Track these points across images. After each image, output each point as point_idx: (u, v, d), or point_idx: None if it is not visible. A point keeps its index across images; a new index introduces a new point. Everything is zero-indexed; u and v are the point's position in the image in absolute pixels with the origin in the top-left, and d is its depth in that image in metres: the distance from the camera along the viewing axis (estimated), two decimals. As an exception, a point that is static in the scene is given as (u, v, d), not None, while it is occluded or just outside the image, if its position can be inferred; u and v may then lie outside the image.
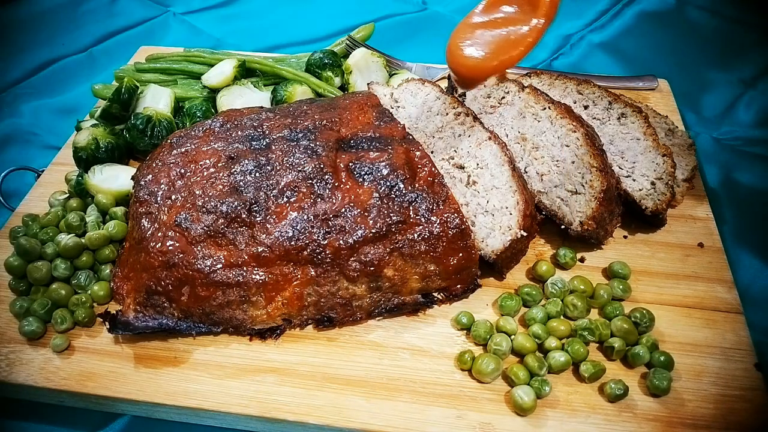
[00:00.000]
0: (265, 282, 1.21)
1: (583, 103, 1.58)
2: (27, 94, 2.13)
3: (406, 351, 1.25)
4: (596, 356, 1.24)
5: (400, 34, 2.35)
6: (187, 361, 1.23)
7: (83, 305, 1.29)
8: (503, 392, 1.18)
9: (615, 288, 1.32)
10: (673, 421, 1.14)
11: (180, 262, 1.20)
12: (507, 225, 1.29)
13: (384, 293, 1.26)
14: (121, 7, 2.55)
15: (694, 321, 1.30)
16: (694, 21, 2.39)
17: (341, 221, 1.23)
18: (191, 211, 1.25)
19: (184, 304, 1.21)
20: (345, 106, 1.47)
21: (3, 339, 1.27)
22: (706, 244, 1.45)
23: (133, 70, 1.91)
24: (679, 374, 1.20)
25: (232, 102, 1.75)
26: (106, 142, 1.58)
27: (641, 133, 1.47)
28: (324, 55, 1.85)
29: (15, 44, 2.34)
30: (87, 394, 1.19)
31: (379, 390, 1.19)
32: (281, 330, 1.27)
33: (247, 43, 2.34)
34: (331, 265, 1.22)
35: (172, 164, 1.35)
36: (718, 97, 2.07)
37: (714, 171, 1.79)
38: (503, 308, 1.29)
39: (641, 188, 1.41)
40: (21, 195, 1.61)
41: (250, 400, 1.17)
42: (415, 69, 2.00)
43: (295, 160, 1.31)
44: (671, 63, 2.19)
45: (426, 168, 1.30)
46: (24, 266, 1.31)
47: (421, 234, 1.23)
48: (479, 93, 1.61)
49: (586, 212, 1.34)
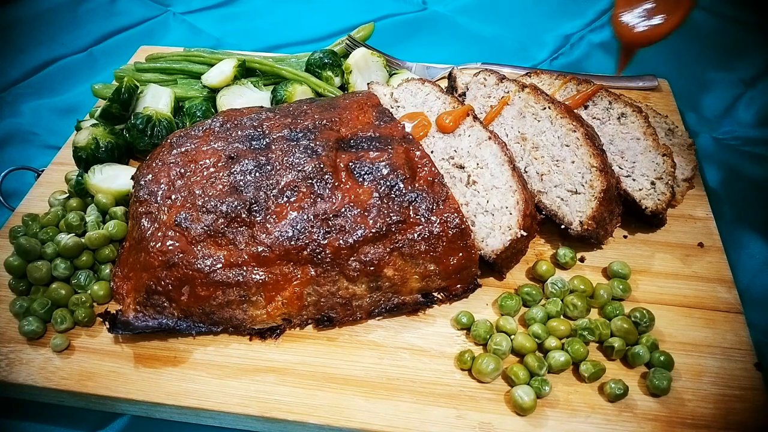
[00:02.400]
0: (265, 282, 1.21)
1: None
2: (27, 94, 2.13)
3: (406, 351, 1.25)
4: (596, 356, 1.24)
5: (400, 34, 2.35)
6: (187, 361, 1.23)
7: (83, 305, 1.29)
8: (503, 392, 1.18)
9: (615, 288, 1.32)
10: (673, 421, 1.14)
11: (180, 261, 1.20)
12: (507, 225, 1.29)
13: (384, 293, 1.26)
14: (121, 6, 2.55)
15: (694, 321, 1.30)
16: (694, 21, 2.38)
17: (341, 221, 1.23)
18: (191, 210, 1.25)
19: (184, 304, 1.21)
20: (345, 106, 1.47)
21: (3, 339, 1.27)
22: (706, 244, 1.45)
23: (133, 70, 1.91)
24: (679, 374, 1.20)
25: (232, 102, 1.75)
26: (106, 141, 1.58)
27: (641, 132, 1.47)
28: (324, 55, 1.85)
29: (15, 44, 2.34)
30: (87, 394, 1.19)
31: (378, 390, 1.19)
32: (281, 330, 1.27)
33: (247, 43, 2.34)
34: (331, 264, 1.22)
35: (172, 164, 1.35)
36: (718, 97, 2.07)
37: (714, 171, 1.79)
38: (503, 308, 1.29)
39: (641, 188, 1.41)
40: (21, 195, 1.61)
41: (250, 400, 1.17)
42: (415, 69, 2.00)
43: (295, 159, 1.31)
44: (671, 63, 2.18)
45: (426, 168, 1.30)
46: (24, 266, 1.31)
47: (421, 234, 1.23)
48: (479, 93, 1.61)
49: (586, 212, 1.34)
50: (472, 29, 2.42)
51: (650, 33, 1.25)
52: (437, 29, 2.41)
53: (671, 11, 1.21)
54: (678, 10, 1.21)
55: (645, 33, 1.24)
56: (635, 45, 1.32)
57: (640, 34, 1.25)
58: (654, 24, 1.23)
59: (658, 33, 1.24)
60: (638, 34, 1.26)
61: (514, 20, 2.44)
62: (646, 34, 1.25)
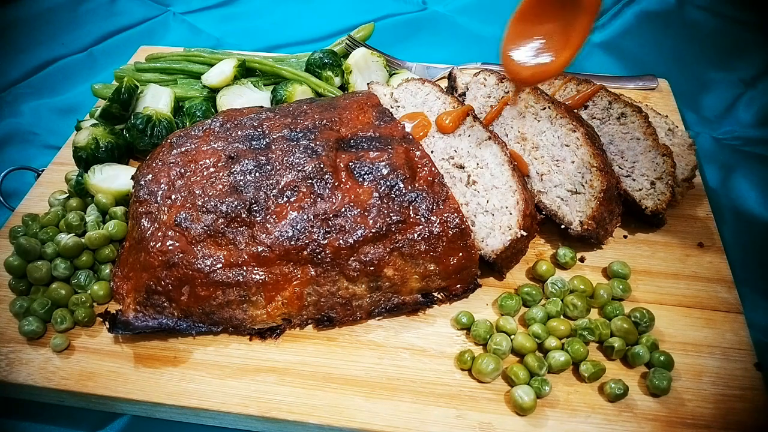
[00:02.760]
0: (265, 282, 1.21)
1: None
2: (27, 94, 2.13)
3: (406, 351, 1.25)
4: (596, 356, 1.24)
5: (400, 34, 2.35)
6: (187, 361, 1.23)
7: (83, 305, 1.29)
8: (503, 392, 1.18)
9: (615, 288, 1.32)
10: (673, 421, 1.14)
11: (180, 261, 1.20)
12: (507, 225, 1.29)
13: (384, 293, 1.26)
14: (121, 6, 2.55)
15: (694, 321, 1.30)
16: (694, 21, 2.39)
17: (341, 221, 1.23)
18: (191, 210, 1.25)
19: (184, 304, 1.21)
20: (345, 106, 1.47)
21: (3, 339, 1.27)
22: (706, 244, 1.45)
23: (133, 70, 1.91)
24: (679, 374, 1.20)
25: (232, 102, 1.75)
26: (106, 141, 1.58)
27: (641, 132, 1.46)
28: (324, 55, 1.85)
29: (15, 44, 2.34)
30: (87, 394, 1.19)
31: (379, 390, 1.19)
32: (281, 330, 1.27)
33: (247, 42, 2.34)
34: (331, 264, 1.22)
35: (172, 164, 1.35)
36: (718, 97, 2.07)
37: (714, 171, 1.79)
38: (503, 308, 1.29)
39: (641, 188, 1.41)
40: (21, 195, 1.61)
41: (250, 400, 1.17)
42: (415, 69, 2.00)
43: (295, 159, 1.31)
44: (671, 63, 2.19)
45: (426, 168, 1.30)
46: (24, 266, 1.31)
47: (421, 234, 1.23)
48: (479, 93, 1.61)
49: (586, 212, 1.34)
50: (472, 29, 2.42)
51: (539, 72, 1.21)
52: (437, 29, 2.41)
53: (560, 50, 1.17)
54: (566, 50, 1.15)
55: (534, 71, 1.20)
56: (525, 83, 1.28)
57: (529, 72, 1.21)
58: (543, 62, 1.19)
59: (547, 72, 1.20)
60: (527, 72, 1.21)
61: (514, 20, 2.44)
62: (534, 73, 1.21)
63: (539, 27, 1.17)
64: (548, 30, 1.16)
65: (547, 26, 1.16)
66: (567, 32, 1.14)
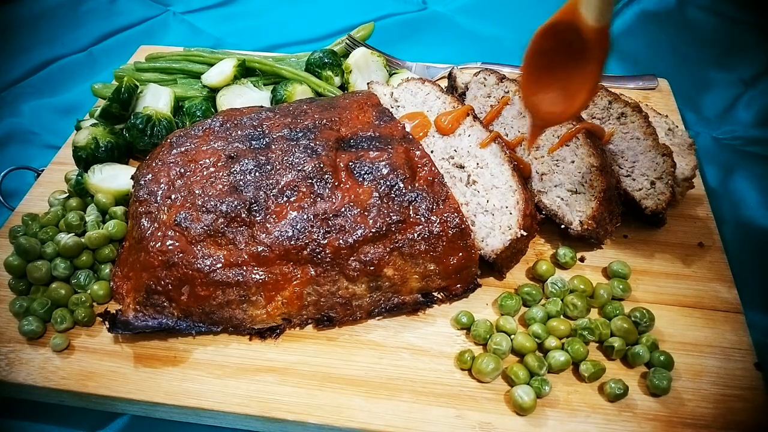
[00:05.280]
0: (265, 281, 1.21)
1: (583, 103, 1.58)
2: (27, 94, 2.13)
3: (406, 351, 1.25)
4: (596, 356, 1.24)
5: (400, 34, 2.35)
6: (187, 361, 1.23)
7: (83, 305, 1.29)
8: (503, 392, 1.18)
9: (615, 288, 1.32)
10: (673, 421, 1.14)
11: (180, 261, 1.20)
12: (507, 224, 1.29)
13: (384, 293, 1.26)
14: (121, 6, 2.55)
15: (694, 321, 1.30)
16: (694, 21, 2.39)
17: (341, 221, 1.23)
18: (191, 210, 1.25)
19: (184, 304, 1.21)
20: (345, 106, 1.47)
21: (3, 339, 1.27)
22: (706, 244, 1.45)
23: (133, 70, 1.91)
24: (678, 374, 1.20)
25: (232, 101, 1.75)
26: (105, 141, 1.58)
27: (641, 132, 1.46)
28: (324, 55, 1.85)
29: (15, 44, 2.34)
30: (87, 394, 1.19)
31: (379, 390, 1.19)
32: (281, 330, 1.27)
33: (246, 42, 2.34)
34: (331, 264, 1.22)
35: (172, 164, 1.35)
36: (718, 97, 2.07)
37: (714, 171, 1.79)
38: (503, 308, 1.29)
39: (641, 188, 1.41)
40: (21, 194, 1.61)
41: (250, 400, 1.17)
42: (415, 68, 2.00)
43: (295, 159, 1.31)
44: (671, 63, 2.19)
45: (426, 167, 1.30)
46: (24, 266, 1.31)
47: (420, 233, 1.23)
48: (479, 93, 1.61)
49: (586, 212, 1.34)
50: (472, 29, 2.42)
51: (556, 117, 1.22)
52: (437, 29, 2.42)
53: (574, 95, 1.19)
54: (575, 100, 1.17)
55: (554, 115, 1.22)
56: (547, 124, 1.30)
57: (550, 115, 1.23)
58: (558, 108, 1.21)
59: (562, 117, 1.22)
60: (548, 115, 1.23)
61: (514, 20, 2.44)
62: (554, 117, 1.23)
63: (551, 74, 1.18)
64: (560, 76, 1.17)
65: (558, 73, 1.17)
66: (578, 78, 1.15)
